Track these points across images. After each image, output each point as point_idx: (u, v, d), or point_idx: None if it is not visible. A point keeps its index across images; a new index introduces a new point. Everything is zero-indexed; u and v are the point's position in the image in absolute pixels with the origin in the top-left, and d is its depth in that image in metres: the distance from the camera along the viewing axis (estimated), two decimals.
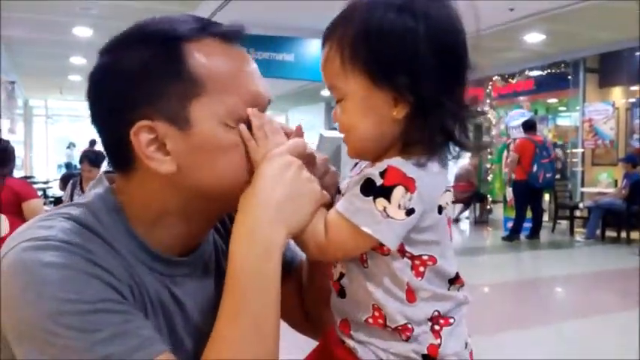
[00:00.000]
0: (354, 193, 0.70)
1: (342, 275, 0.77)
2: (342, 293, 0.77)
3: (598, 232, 8.11)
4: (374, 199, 0.68)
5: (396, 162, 0.70)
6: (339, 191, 0.79)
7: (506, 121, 10.09)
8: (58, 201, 6.47)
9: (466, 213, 10.36)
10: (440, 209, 0.72)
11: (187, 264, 0.80)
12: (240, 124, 0.72)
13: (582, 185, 9.38)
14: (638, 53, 8.38)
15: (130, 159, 0.72)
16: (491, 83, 10.31)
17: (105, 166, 4.92)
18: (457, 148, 0.75)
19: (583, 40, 8.28)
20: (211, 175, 0.73)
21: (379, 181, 0.69)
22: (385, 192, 0.68)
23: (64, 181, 6.09)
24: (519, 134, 8.32)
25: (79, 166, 14.63)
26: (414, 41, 0.69)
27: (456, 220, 10.35)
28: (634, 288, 5.26)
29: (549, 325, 4.18)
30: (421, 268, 0.73)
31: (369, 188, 0.69)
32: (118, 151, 0.73)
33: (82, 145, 15.50)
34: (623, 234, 8.00)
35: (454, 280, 0.76)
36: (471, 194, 9.84)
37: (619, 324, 4.19)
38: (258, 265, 0.69)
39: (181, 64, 0.70)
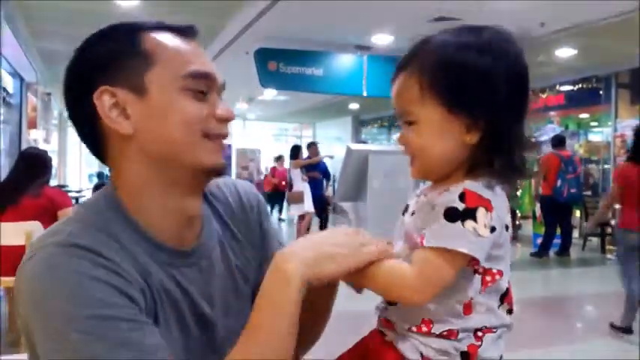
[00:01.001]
0: (441, 223, 0.75)
1: None
2: (392, 302, 0.82)
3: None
4: (462, 222, 0.74)
5: (470, 185, 0.77)
6: (406, 209, 0.87)
7: (537, 136, 9.98)
8: None
9: None
10: (507, 227, 0.79)
11: (190, 254, 0.86)
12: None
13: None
14: None
15: (101, 134, 0.82)
16: None
17: None
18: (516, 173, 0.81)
19: (615, 55, 8.19)
20: (164, 136, 0.80)
21: (461, 206, 0.75)
22: (470, 214, 0.74)
23: (97, 190, 6.25)
24: (548, 149, 8.23)
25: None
26: (492, 78, 0.77)
27: None
28: None
29: (576, 343, 4.12)
30: (490, 284, 0.79)
31: (453, 215, 0.75)
32: (90, 129, 0.83)
33: None
34: None
35: (504, 296, 0.81)
36: None
37: None
38: (276, 290, 0.76)
39: (136, 43, 0.81)
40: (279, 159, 12.81)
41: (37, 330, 0.71)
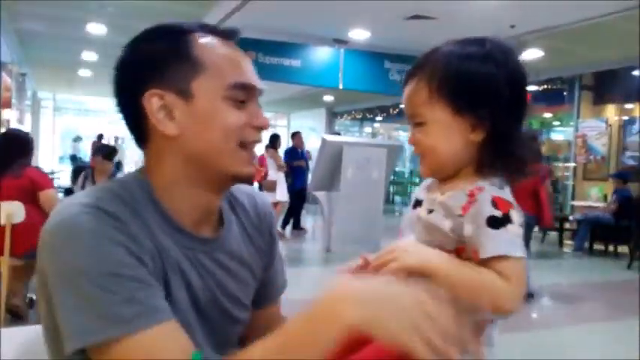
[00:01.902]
0: (486, 233, 0.80)
1: None
2: None
3: (586, 244, 8.27)
4: (505, 228, 0.80)
5: (490, 190, 0.83)
6: (418, 204, 0.91)
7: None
8: (68, 191, 6.64)
9: None
10: None
11: (208, 242, 0.92)
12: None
13: (573, 198, 9.60)
14: (632, 72, 8.60)
15: (146, 129, 0.88)
16: None
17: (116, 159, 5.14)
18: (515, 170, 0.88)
19: (580, 58, 8.47)
20: (205, 141, 0.86)
21: (499, 213, 0.81)
22: (508, 218, 0.81)
23: (76, 173, 6.29)
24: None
25: (84, 158, 14.65)
26: (495, 82, 0.86)
27: None
28: (619, 300, 5.44)
29: (530, 332, 4.22)
30: None
31: (495, 222, 0.80)
32: (137, 123, 0.88)
33: (88, 139, 15.65)
34: (611, 247, 8.21)
35: None
36: None
37: (602, 334, 4.28)
38: (322, 322, 0.69)
39: (187, 49, 0.86)
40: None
41: (54, 280, 0.77)
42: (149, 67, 0.87)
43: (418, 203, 0.92)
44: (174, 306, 0.82)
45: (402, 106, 0.93)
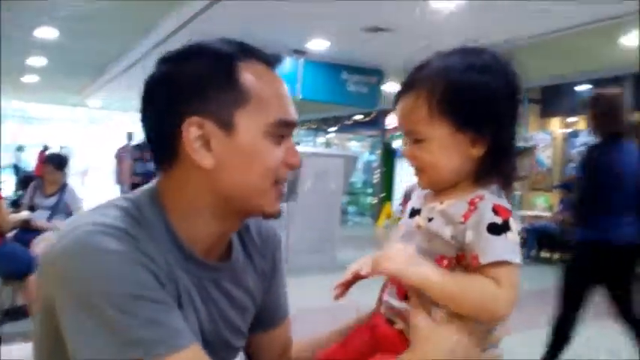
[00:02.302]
0: (487, 238, 0.80)
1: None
2: (405, 297, 0.86)
3: (533, 252, 8.57)
4: (505, 234, 0.80)
5: (491, 198, 0.84)
6: (416, 212, 0.90)
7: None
8: (14, 203, 6.34)
9: None
10: None
11: (217, 269, 0.89)
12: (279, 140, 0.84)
13: (520, 208, 9.95)
14: (575, 87, 9.02)
15: (175, 153, 0.82)
16: None
17: (68, 168, 4.96)
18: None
19: (528, 73, 8.82)
20: (241, 178, 0.82)
21: (499, 220, 0.81)
22: (507, 226, 0.81)
23: (25, 183, 6.03)
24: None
25: (27, 168, 13.98)
26: (496, 97, 0.84)
27: None
28: None
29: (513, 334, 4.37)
30: None
31: (495, 229, 0.80)
32: (167, 145, 0.83)
33: (31, 148, 14.99)
34: (557, 255, 8.53)
35: None
36: None
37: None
38: None
39: (233, 77, 0.81)
40: None
41: (67, 303, 0.72)
42: (191, 90, 0.81)
43: (415, 212, 0.91)
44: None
45: (396, 121, 0.91)
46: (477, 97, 0.84)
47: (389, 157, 13.37)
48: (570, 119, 9.84)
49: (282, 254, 1.07)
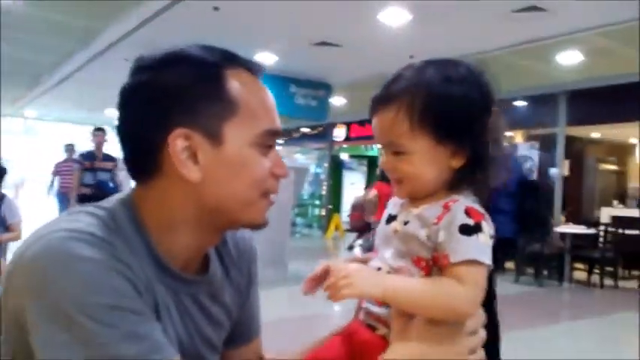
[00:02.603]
0: (457, 238, 0.81)
1: None
2: (385, 304, 0.86)
3: None
4: (476, 235, 0.81)
5: (466, 202, 0.85)
6: (392, 218, 0.91)
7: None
8: None
9: (360, 241, 10.84)
10: None
11: (194, 283, 0.85)
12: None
13: None
14: (513, 102, 9.40)
15: (157, 165, 0.78)
16: None
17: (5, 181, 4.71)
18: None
19: None
20: (229, 190, 0.79)
21: (471, 222, 0.82)
22: (479, 227, 0.82)
23: None
24: None
25: None
26: (474, 108, 0.85)
27: (350, 248, 10.81)
28: (507, 313, 5.85)
29: None
30: None
31: (467, 230, 0.81)
32: (148, 157, 0.78)
33: None
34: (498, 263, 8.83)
35: None
36: (364, 223, 10.33)
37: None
38: None
39: (221, 87, 0.78)
40: None
41: (38, 315, 0.67)
42: (176, 100, 0.77)
43: (392, 218, 0.92)
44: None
45: (375, 132, 0.90)
46: (457, 110, 0.84)
47: (336, 169, 13.49)
48: (508, 133, 10.22)
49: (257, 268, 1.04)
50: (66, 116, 15.71)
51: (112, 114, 13.97)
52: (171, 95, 0.77)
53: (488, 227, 0.83)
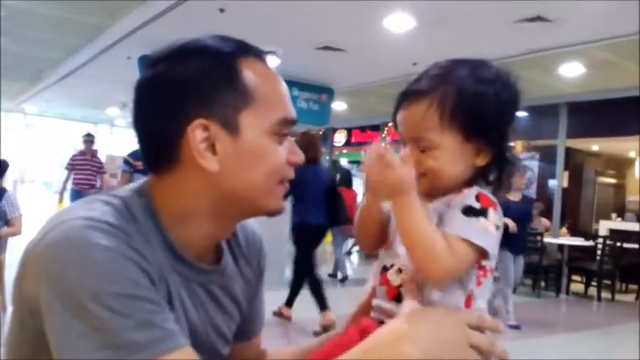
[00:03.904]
0: (458, 216, 0.81)
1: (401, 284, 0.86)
2: (398, 299, 0.86)
3: None
4: (477, 219, 0.81)
5: (478, 189, 0.85)
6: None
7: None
8: None
9: (357, 247, 10.84)
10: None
11: (207, 273, 0.86)
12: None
13: None
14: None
15: (175, 156, 0.78)
16: (386, 128, 11.07)
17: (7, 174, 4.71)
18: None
19: None
20: (247, 180, 0.79)
21: (477, 205, 0.82)
22: (484, 212, 0.82)
23: None
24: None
25: None
26: (504, 109, 0.87)
27: (349, 253, 10.80)
28: (506, 324, 5.88)
29: None
30: (482, 279, 0.84)
31: (470, 211, 0.81)
32: (166, 149, 0.79)
33: None
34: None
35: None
36: None
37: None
38: None
39: (236, 77, 0.78)
40: None
41: (53, 302, 0.67)
42: (194, 91, 0.77)
43: None
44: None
45: (400, 127, 0.90)
46: (487, 108, 0.85)
47: (336, 174, 13.47)
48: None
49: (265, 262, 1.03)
50: (67, 113, 15.70)
51: (113, 112, 14.01)
52: (189, 86, 0.78)
53: (495, 216, 0.82)
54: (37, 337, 0.70)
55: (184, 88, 0.78)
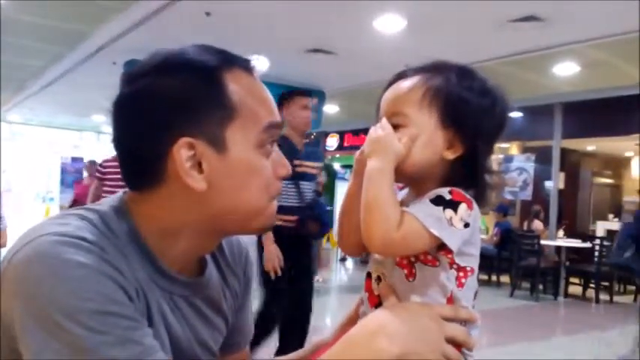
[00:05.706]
0: (425, 202, 0.80)
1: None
2: (376, 305, 0.85)
3: None
4: (443, 209, 0.79)
5: (455, 188, 0.83)
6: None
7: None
8: None
9: None
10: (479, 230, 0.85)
11: (189, 286, 0.83)
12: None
13: None
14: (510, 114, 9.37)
15: (159, 175, 0.76)
16: None
17: None
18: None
19: None
20: (237, 198, 0.77)
21: (448, 196, 0.80)
22: (453, 205, 0.80)
23: None
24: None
25: None
26: (486, 106, 0.86)
27: (343, 259, 10.68)
28: (503, 327, 5.76)
29: None
30: (463, 280, 0.83)
31: (438, 201, 0.80)
32: (149, 168, 0.76)
33: None
34: (494, 277, 8.72)
35: (476, 294, 0.88)
36: None
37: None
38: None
39: (222, 92, 0.76)
40: None
41: (27, 321, 0.65)
42: (178, 107, 0.74)
43: None
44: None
45: (382, 105, 0.90)
46: (469, 100, 0.86)
47: (329, 178, 13.35)
48: (503, 145, 10.19)
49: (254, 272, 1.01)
50: (52, 121, 15.49)
51: (99, 119, 13.81)
52: (173, 104, 0.75)
53: (465, 212, 0.80)
54: (14, 358, 0.68)
55: (168, 106, 0.75)
